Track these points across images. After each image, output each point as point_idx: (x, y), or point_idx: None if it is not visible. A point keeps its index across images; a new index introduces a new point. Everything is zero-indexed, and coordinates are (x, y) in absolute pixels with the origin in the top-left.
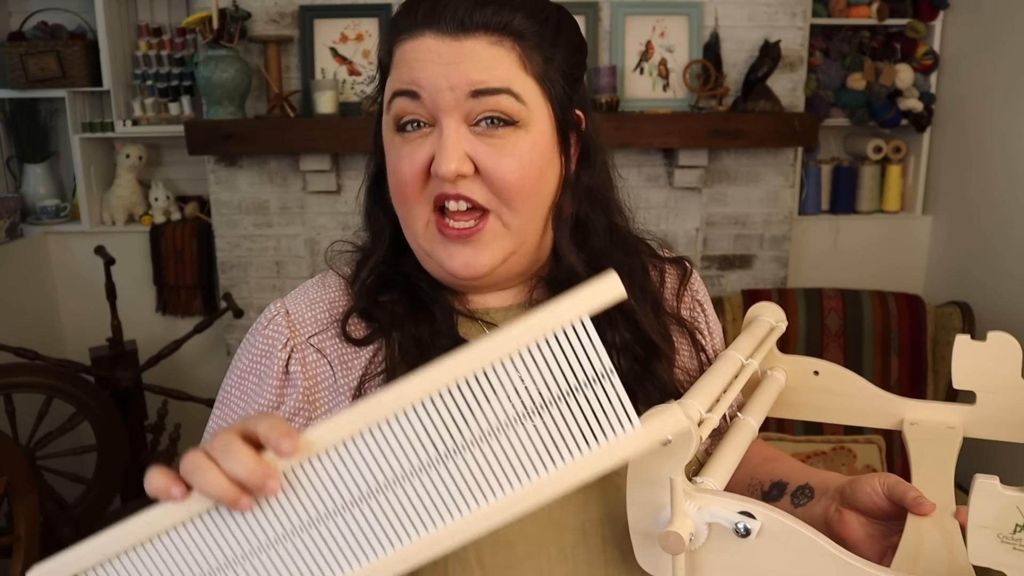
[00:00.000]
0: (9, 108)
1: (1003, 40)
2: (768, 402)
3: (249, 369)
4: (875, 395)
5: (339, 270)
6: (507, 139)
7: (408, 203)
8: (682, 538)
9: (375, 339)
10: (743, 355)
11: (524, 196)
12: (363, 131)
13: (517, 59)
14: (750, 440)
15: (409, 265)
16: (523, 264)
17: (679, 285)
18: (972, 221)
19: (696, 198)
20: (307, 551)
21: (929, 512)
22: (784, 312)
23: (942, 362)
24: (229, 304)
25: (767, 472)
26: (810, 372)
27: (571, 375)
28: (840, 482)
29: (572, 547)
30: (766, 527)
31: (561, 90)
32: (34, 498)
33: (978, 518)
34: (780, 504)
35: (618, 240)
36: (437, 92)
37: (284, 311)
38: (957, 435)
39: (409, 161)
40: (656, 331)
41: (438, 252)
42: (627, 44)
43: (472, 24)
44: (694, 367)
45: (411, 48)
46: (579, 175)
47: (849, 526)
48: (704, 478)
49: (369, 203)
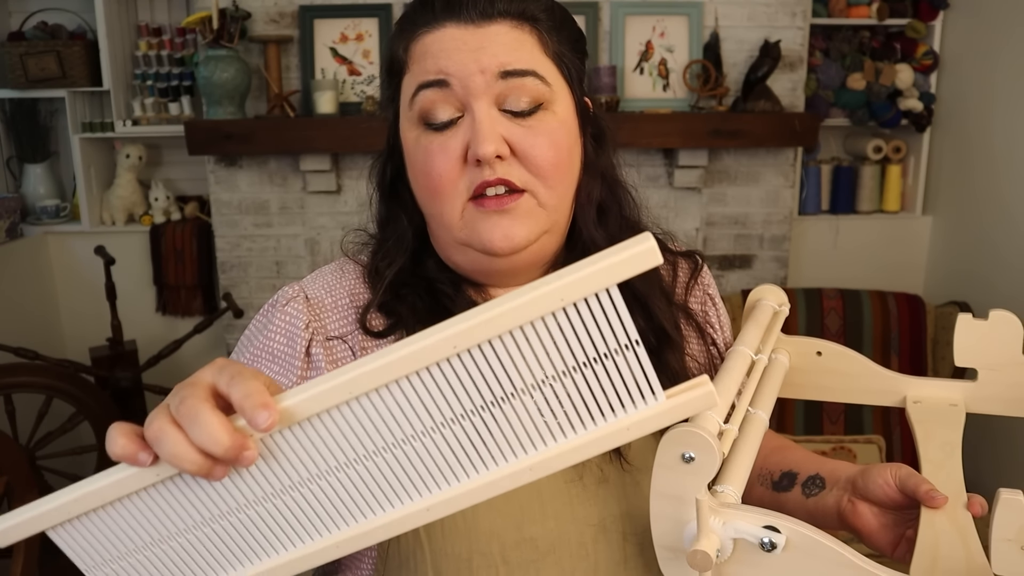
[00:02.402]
0: (9, 108)
1: (1003, 40)
2: (775, 389)
3: (266, 348)
4: (878, 373)
5: (357, 260)
6: (538, 119)
7: (443, 196)
8: (710, 557)
9: (395, 331)
10: (752, 349)
11: (559, 174)
12: (363, 131)
13: (537, 42)
14: (762, 435)
15: (431, 269)
16: (552, 246)
17: (690, 278)
18: (972, 221)
19: (696, 198)
20: (288, 512)
21: (942, 505)
22: (784, 294)
23: (942, 362)
24: (229, 304)
25: (777, 462)
26: (813, 353)
27: (594, 344)
28: (851, 472)
29: (592, 542)
30: (791, 541)
31: (577, 69)
32: (34, 498)
33: (1002, 531)
34: (791, 495)
35: (631, 226)
36: (467, 76)
37: (303, 295)
38: (960, 412)
39: (442, 153)
40: (668, 320)
41: (478, 230)
42: (627, 44)
43: (493, 12)
44: (704, 361)
45: (433, 40)
46: (596, 156)
47: (862, 517)
48: (723, 486)
49: (384, 210)
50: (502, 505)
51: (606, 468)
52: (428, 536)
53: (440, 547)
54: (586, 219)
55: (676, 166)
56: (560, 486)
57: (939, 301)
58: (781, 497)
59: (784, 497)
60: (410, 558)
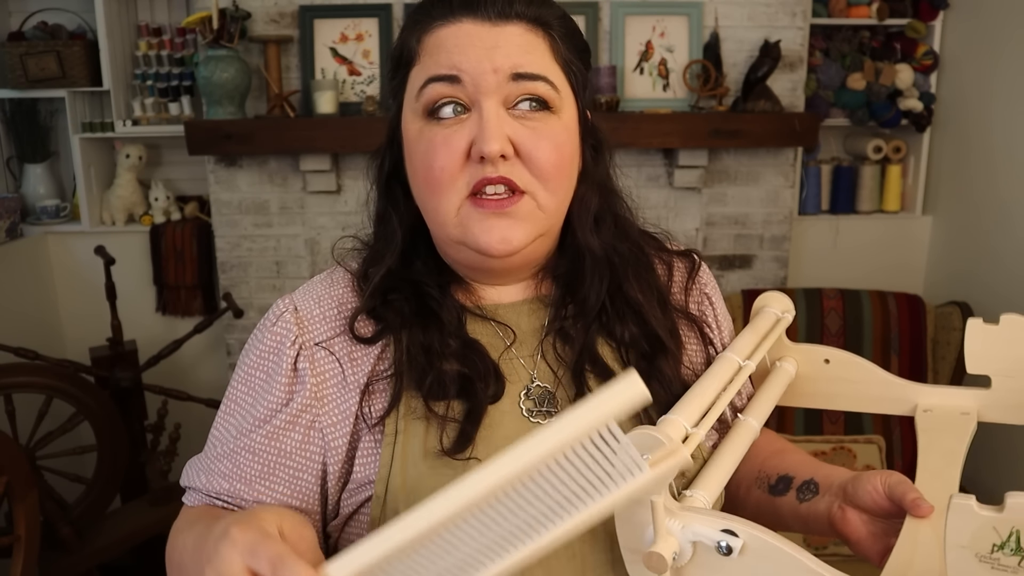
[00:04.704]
0: (9, 108)
1: (1003, 40)
2: (774, 396)
3: (256, 366)
4: (887, 381)
5: (347, 266)
6: (544, 122)
7: (441, 190)
8: (664, 559)
9: (382, 337)
10: (741, 356)
11: (561, 178)
12: (363, 131)
13: (549, 48)
14: (749, 442)
15: (418, 272)
16: (544, 249)
17: (687, 278)
18: (972, 221)
19: (696, 198)
20: None
21: (927, 515)
22: (791, 302)
23: (942, 362)
24: (229, 304)
25: (774, 466)
26: (821, 361)
27: (601, 467)
28: (844, 478)
29: (580, 544)
30: (748, 545)
31: (583, 78)
32: (34, 498)
33: (956, 538)
34: (786, 499)
35: (625, 232)
36: (480, 74)
37: (292, 308)
38: (971, 421)
39: (446, 146)
40: (663, 326)
41: (474, 228)
42: (627, 44)
43: (511, 12)
44: (701, 361)
45: (449, 34)
46: (595, 166)
47: (851, 523)
48: (694, 491)
49: (381, 205)
50: None
51: None
52: None
53: None
54: (583, 226)
55: (676, 166)
56: None
57: (939, 301)
58: (776, 501)
59: (779, 501)
60: None
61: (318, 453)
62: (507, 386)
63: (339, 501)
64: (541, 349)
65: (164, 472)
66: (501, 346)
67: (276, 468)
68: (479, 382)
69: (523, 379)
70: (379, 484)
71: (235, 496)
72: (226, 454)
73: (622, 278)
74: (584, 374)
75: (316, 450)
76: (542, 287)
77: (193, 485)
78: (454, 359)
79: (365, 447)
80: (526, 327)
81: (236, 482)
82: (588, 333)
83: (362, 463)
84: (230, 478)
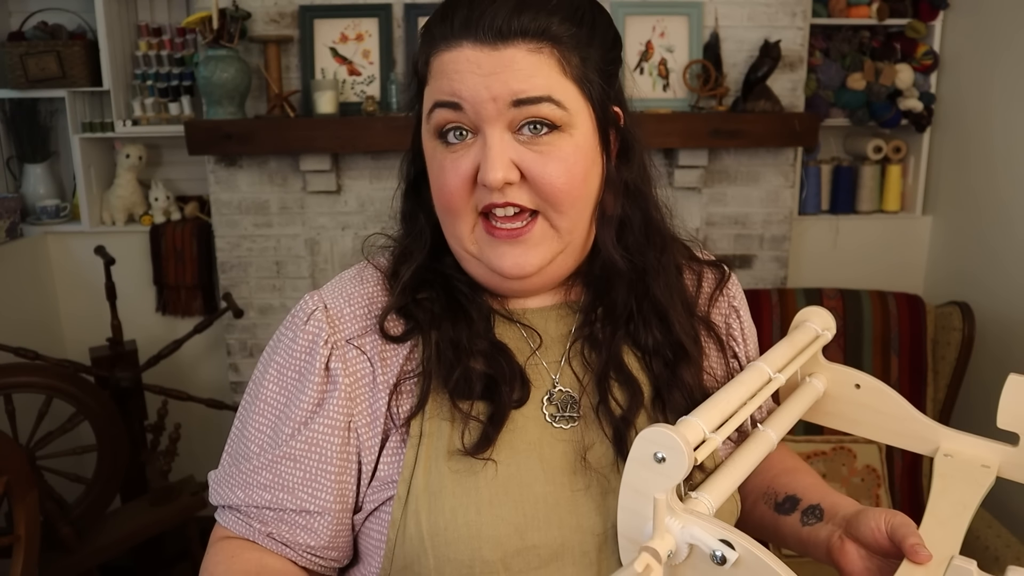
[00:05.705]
0: (9, 108)
1: (1003, 40)
2: (798, 411)
3: (288, 365)
4: (914, 418)
5: (376, 263)
6: (551, 144)
7: (453, 212)
8: (659, 555)
9: (412, 336)
10: (773, 368)
11: (571, 199)
12: (363, 131)
13: (556, 64)
14: (764, 453)
15: (448, 266)
16: (569, 263)
17: (715, 289)
18: (972, 221)
19: (696, 198)
20: None
21: (924, 562)
22: (833, 319)
23: (942, 362)
24: (229, 304)
25: (784, 484)
26: (852, 384)
27: None
28: (849, 510)
29: (596, 551)
30: (743, 559)
31: (600, 89)
32: (34, 498)
33: None
34: (790, 519)
35: (654, 236)
36: (479, 103)
37: (322, 306)
38: (990, 475)
39: (453, 172)
40: (687, 334)
41: (487, 253)
42: (627, 44)
43: (511, 32)
44: (723, 372)
45: (449, 59)
46: (619, 171)
47: (848, 555)
48: (700, 494)
49: (407, 206)
50: (506, 513)
51: (613, 479)
52: (432, 542)
53: (443, 553)
54: (605, 237)
55: (676, 166)
56: (566, 495)
57: (939, 301)
58: (780, 519)
59: (783, 520)
60: (414, 562)
61: (355, 453)
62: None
63: (364, 496)
64: (568, 354)
65: (164, 472)
66: (527, 350)
67: (318, 474)
68: (504, 385)
69: (546, 383)
70: (401, 485)
71: (278, 505)
72: (265, 465)
73: (651, 283)
74: (608, 381)
75: (353, 451)
76: (572, 292)
77: (229, 503)
78: (482, 358)
79: (391, 446)
80: (553, 332)
81: (279, 492)
82: (615, 340)
83: (386, 462)
84: (272, 488)
